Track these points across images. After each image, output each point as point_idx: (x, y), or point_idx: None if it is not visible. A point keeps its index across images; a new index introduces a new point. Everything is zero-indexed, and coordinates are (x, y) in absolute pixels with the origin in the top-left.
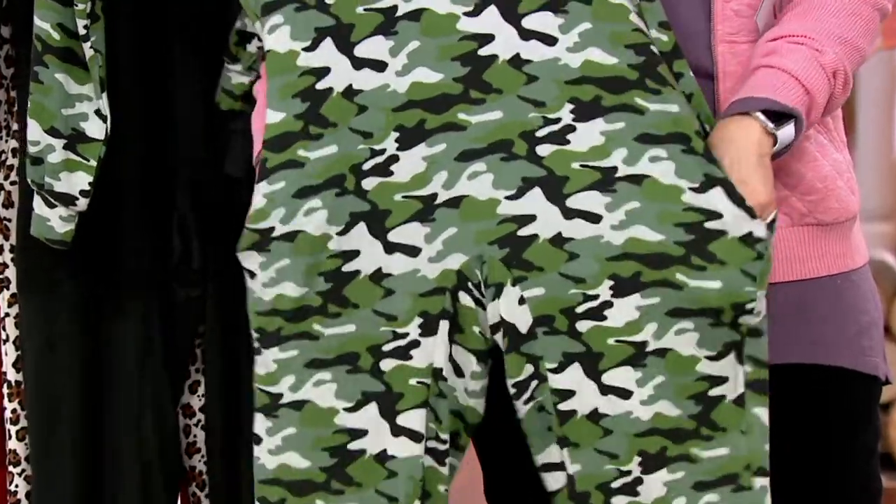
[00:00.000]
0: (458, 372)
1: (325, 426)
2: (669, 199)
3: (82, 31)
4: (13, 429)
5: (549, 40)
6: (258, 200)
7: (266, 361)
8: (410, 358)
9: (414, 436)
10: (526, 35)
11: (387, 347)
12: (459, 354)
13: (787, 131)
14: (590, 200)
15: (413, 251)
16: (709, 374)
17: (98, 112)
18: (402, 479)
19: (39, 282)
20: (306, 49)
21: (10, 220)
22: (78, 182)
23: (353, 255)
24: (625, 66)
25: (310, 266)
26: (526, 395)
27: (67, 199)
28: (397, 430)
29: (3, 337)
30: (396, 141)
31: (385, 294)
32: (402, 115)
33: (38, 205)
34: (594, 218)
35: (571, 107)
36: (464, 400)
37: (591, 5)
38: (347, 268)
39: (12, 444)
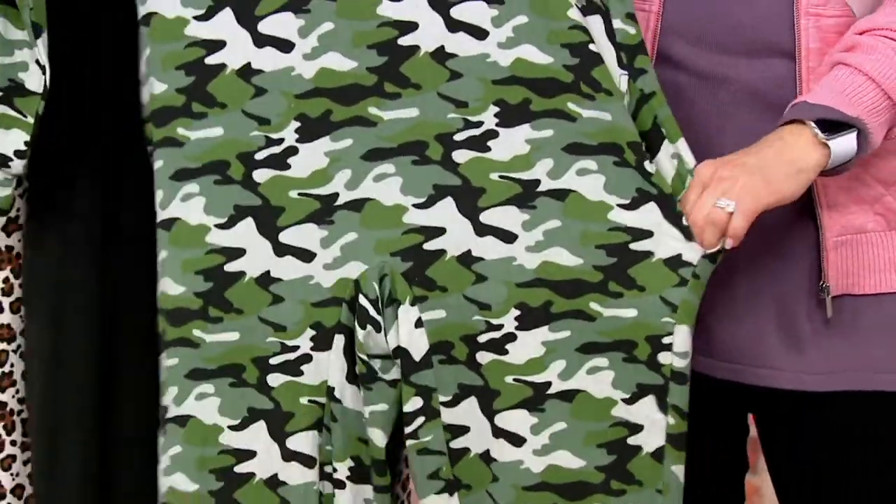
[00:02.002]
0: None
1: (211, 445)
2: (594, 217)
3: None
4: None
5: (479, 33)
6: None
7: (161, 368)
8: (301, 374)
9: (306, 461)
10: (454, 26)
11: (274, 360)
12: (359, 371)
13: (844, 143)
14: (506, 217)
15: (307, 255)
16: (626, 420)
17: (38, 62)
18: None
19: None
20: (199, 18)
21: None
22: (13, 141)
23: (237, 252)
24: (559, 67)
25: (186, 261)
26: (409, 430)
27: (1, 161)
28: (288, 454)
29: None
30: (297, 132)
31: (273, 301)
32: (305, 102)
33: None
34: (509, 237)
35: (496, 109)
36: (367, 425)
37: None
38: (230, 267)
39: None
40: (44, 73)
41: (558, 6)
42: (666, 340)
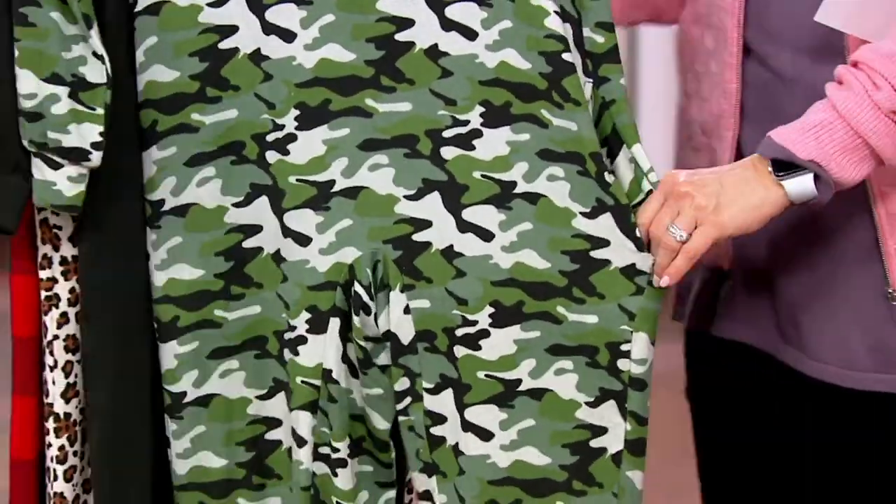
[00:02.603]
0: (354, 373)
1: (239, 418)
2: (561, 223)
3: None
4: (60, 468)
5: (470, 34)
6: (148, 169)
7: (167, 357)
8: (297, 354)
9: (299, 440)
10: (447, 25)
11: (287, 336)
12: (353, 354)
13: (798, 184)
14: (485, 215)
15: (304, 240)
16: (589, 423)
17: (94, 53)
18: (293, 488)
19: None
20: (211, 5)
21: (60, 229)
22: (88, 134)
23: (255, 229)
24: (536, 73)
25: (206, 244)
26: (400, 407)
27: (80, 155)
28: (292, 430)
29: (51, 363)
30: (296, 119)
31: (283, 279)
32: (305, 91)
33: (39, 168)
34: (487, 235)
35: (482, 110)
36: (362, 403)
37: (514, 2)
38: (249, 243)
39: (59, 485)
40: (103, 63)
41: (537, 14)
42: (624, 347)
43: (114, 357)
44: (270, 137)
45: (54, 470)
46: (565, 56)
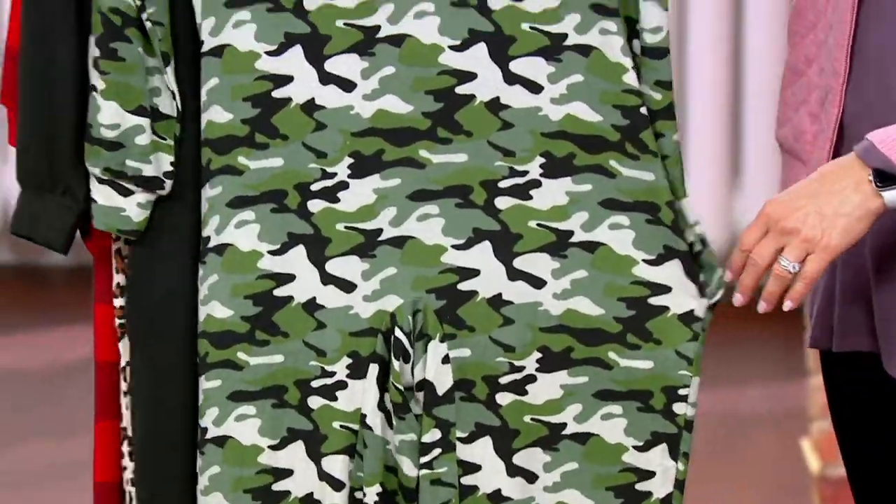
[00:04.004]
0: (390, 422)
1: (249, 465)
2: (619, 270)
3: (138, 2)
4: (134, 491)
5: (535, 88)
6: (203, 205)
7: (200, 391)
8: (335, 399)
9: (335, 483)
10: (511, 79)
11: (315, 384)
12: (389, 401)
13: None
14: (538, 263)
15: (348, 286)
16: (635, 466)
17: (168, 87)
18: None
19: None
20: (270, 53)
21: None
22: (163, 164)
23: (288, 278)
24: (608, 125)
25: (237, 286)
26: (425, 460)
27: (156, 183)
28: (322, 475)
29: (125, 388)
30: (350, 167)
31: (317, 326)
32: (360, 141)
33: (106, 195)
34: (538, 283)
35: (542, 160)
36: (396, 454)
37: (587, 58)
38: (280, 292)
39: None
40: (174, 98)
41: (615, 69)
42: (682, 392)
43: (149, 385)
44: (317, 186)
45: (129, 493)
46: (643, 110)
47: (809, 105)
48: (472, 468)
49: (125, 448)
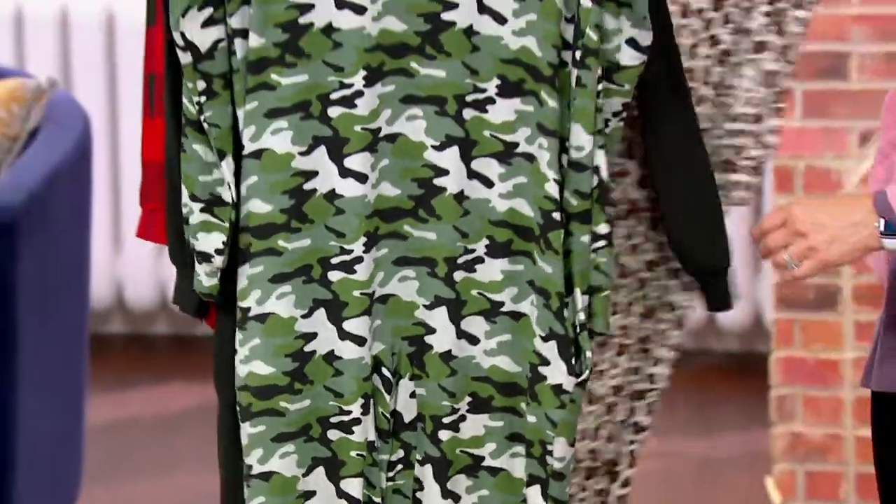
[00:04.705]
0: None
1: (290, 493)
2: (529, 338)
3: (195, 108)
4: None
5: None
6: (241, 281)
7: (244, 435)
8: (352, 433)
9: (352, 500)
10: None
11: (333, 420)
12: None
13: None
14: (475, 325)
15: (360, 340)
16: (526, 499)
17: (225, 179)
18: None
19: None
20: (301, 153)
21: None
22: (214, 241)
23: (312, 336)
24: (535, 223)
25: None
26: (390, 474)
27: (205, 257)
28: (340, 493)
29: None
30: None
31: (335, 373)
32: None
33: (196, 262)
34: (474, 340)
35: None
36: (377, 469)
37: (531, 163)
38: (309, 347)
39: None
40: (229, 189)
41: (542, 178)
42: (549, 448)
43: (226, 430)
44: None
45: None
46: (555, 215)
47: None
48: (420, 486)
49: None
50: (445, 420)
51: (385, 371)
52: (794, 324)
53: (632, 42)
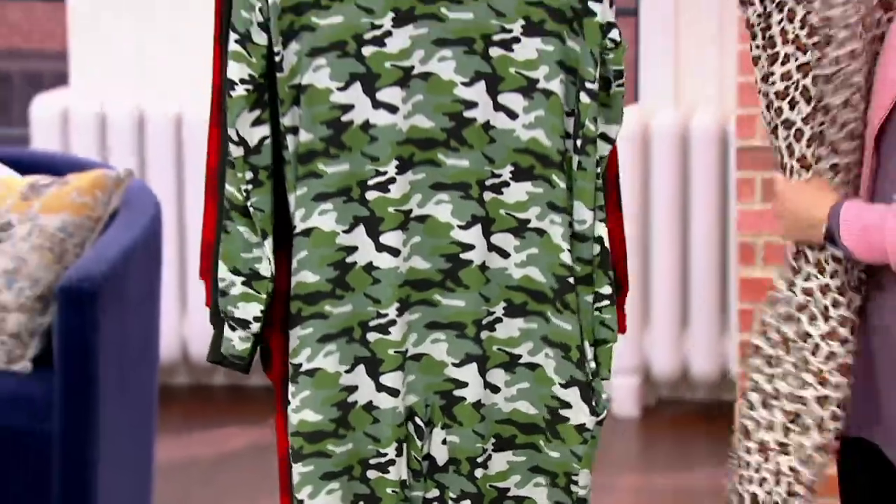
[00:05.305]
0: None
1: (332, 399)
2: (546, 386)
3: (243, 195)
4: None
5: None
6: (293, 342)
7: (295, 474)
8: (388, 472)
9: None
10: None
11: (372, 461)
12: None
13: (833, 248)
14: (496, 376)
15: (394, 392)
16: None
17: (266, 256)
18: None
19: None
20: (345, 231)
21: None
22: (252, 311)
23: (352, 389)
24: (548, 287)
25: (324, 398)
26: None
27: (244, 324)
28: None
29: None
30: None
31: (373, 421)
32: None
33: (225, 328)
34: (496, 389)
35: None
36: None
37: (541, 237)
38: (351, 398)
39: None
40: (269, 264)
41: (556, 249)
42: (574, 478)
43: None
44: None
45: None
46: (570, 279)
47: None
48: None
49: None
50: (479, 460)
51: (418, 420)
52: None
53: (603, 136)
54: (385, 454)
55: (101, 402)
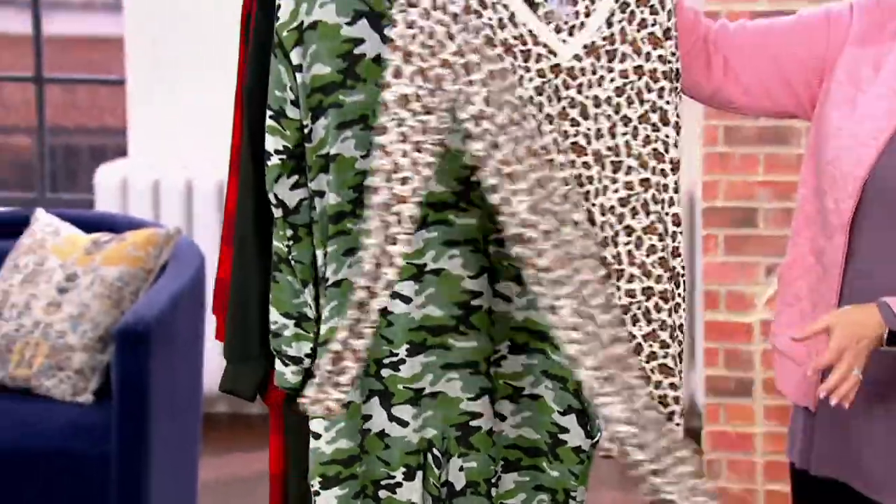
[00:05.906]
0: None
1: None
2: (547, 415)
3: (284, 249)
4: None
5: (508, 300)
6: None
7: (332, 495)
8: (395, 493)
9: None
10: (496, 294)
11: (382, 482)
12: (430, 493)
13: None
14: (505, 408)
15: (403, 423)
16: None
17: (309, 301)
18: None
19: None
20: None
21: None
22: (303, 349)
23: (368, 418)
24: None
25: (353, 427)
26: None
27: (297, 360)
28: None
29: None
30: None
31: (385, 447)
32: (415, 333)
33: (278, 364)
34: (502, 418)
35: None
36: None
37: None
38: (366, 426)
39: None
40: (312, 309)
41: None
42: (572, 494)
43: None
44: (386, 361)
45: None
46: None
47: (826, 229)
48: None
49: None
50: (493, 480)
51: (436, 451)
52: (720, 406)
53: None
54: (394, 476)
55: (153, 429)
